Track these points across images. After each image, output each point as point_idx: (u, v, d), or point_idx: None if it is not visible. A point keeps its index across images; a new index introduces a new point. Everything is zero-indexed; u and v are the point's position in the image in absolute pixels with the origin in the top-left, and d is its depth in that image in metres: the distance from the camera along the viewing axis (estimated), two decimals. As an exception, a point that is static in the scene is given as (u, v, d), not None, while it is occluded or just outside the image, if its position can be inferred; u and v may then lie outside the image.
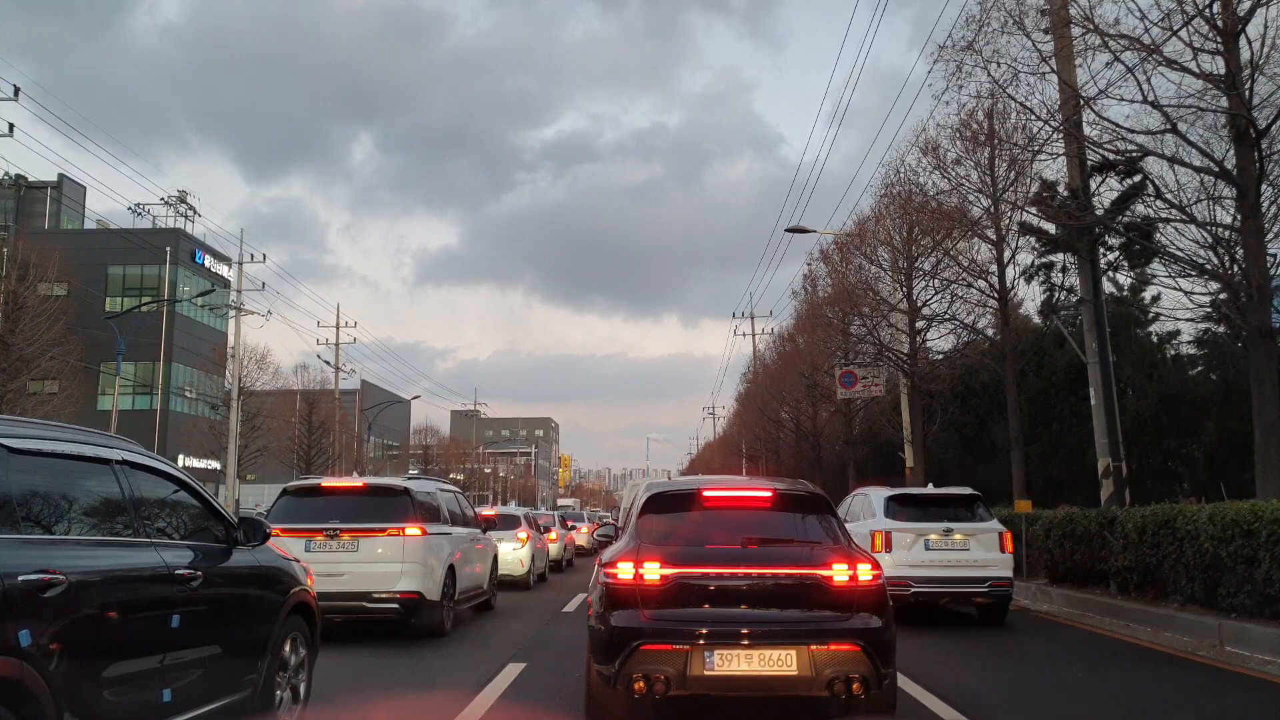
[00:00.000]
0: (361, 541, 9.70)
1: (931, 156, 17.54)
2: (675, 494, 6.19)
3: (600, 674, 5.31)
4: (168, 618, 4.35)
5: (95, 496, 4.25)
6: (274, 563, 5.65)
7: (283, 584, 5.64)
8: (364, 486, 10.62)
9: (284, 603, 5.55)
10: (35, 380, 29.95)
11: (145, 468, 4.66)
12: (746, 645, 5.11)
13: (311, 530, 9.71)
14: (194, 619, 4.54)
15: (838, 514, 6.06)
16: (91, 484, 4.24)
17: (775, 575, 5.32)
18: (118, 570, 4.10)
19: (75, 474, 4.15)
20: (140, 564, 4.26)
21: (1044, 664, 8.82)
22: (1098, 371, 13.09)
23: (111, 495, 4.32)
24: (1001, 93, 11.25)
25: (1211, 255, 12.42)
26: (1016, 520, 14.85)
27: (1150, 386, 20.80)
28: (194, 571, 4.61)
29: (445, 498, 11.68)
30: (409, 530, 9.79)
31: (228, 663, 4.87)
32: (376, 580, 9.58)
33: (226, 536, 5.20)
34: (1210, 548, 9.51)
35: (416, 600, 9.70)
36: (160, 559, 4.41)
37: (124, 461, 4.48)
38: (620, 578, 5.36)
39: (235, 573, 5.12)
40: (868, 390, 25.73)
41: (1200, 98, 10.43)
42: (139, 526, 4.39)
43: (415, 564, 9.74)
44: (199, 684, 4.55)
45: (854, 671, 5.09)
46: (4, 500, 3.64)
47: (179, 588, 4.46)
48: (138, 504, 4.45)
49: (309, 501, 10.18)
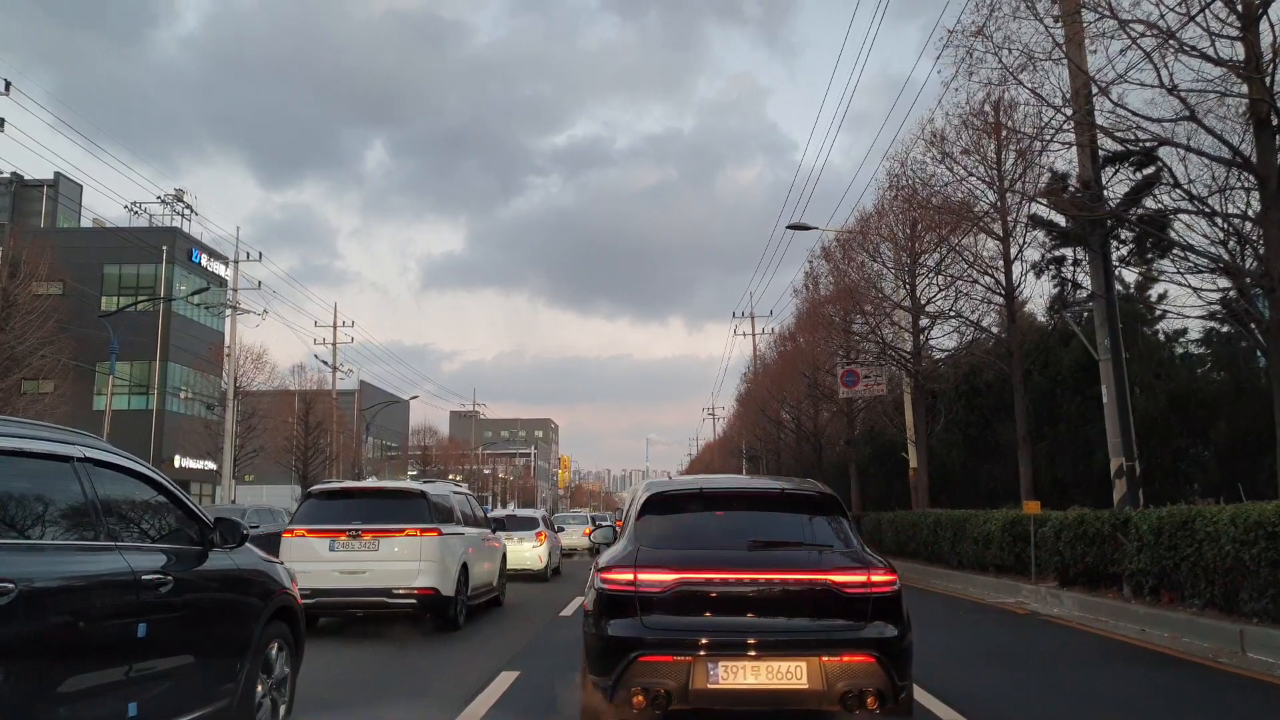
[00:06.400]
0: (382, 541, 10.26)
1: (938, 148, 17.18)
2: (676, 494, 5.82)
3: (597, 686, 4.95)
4: (133, 626, 4.07)
5: (53, 497, 3.97)
6: (254, 565, 5.37)
7: (264, 587, 5.37)
8: (383, 489, 11.49)
9: (264, 607, 5.28)
10: (30, 380, 29.65)
11: (110, 465, 4.37)
12: (753, 656, 4.76)
13: (335, 531, 10.30)
14: (164, 627, 4.27)
15: (849, 515, 5.70)
16: (48, 483, 3.96)
17: (783, 581, 4.95)
18: (76, 576, 3.83)
19: (30, 473, 3.87)
20: (102, 569, 3.98)
21: (1059, 669, 8.46)
22: (1110, 369, 12.74)
23: (71, 495, 4.03)
24: (1013, 79, 10.89)
25: (1222, 250, 12.11)
26: (1025, 521, 14.51)
27: (1159, 385, 20.45)
28: (164, 576, 4.34)
29: (458, 499, 12.33)
30: (425, 530, 10.39)
31: (202, 672, 4.62)
32: (396, 577, 10.13)
33: (201, 538, 4.93)
34: (1232, 550, 9.15)
35: (433, 596, 10.26)
36: (125, 563, 4.13)
37: (86, 459, 4.18)
38: (617, 583, 5.01)
39: (211, 576, 4.86)
40: (870, 389, 25.40)
41: (1219, 84, 10.08)
42: (102, 529, 4.11)
43: (432, 562, 10.30)
44: (170, 695, 4.30)
45: (869, 684, 4.77)
46: None
47: (146, 594, 4.18)
48: (101, 505, 4.17)
49: (332, 504, 10.82)
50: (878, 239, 22.27)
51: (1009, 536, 15.18)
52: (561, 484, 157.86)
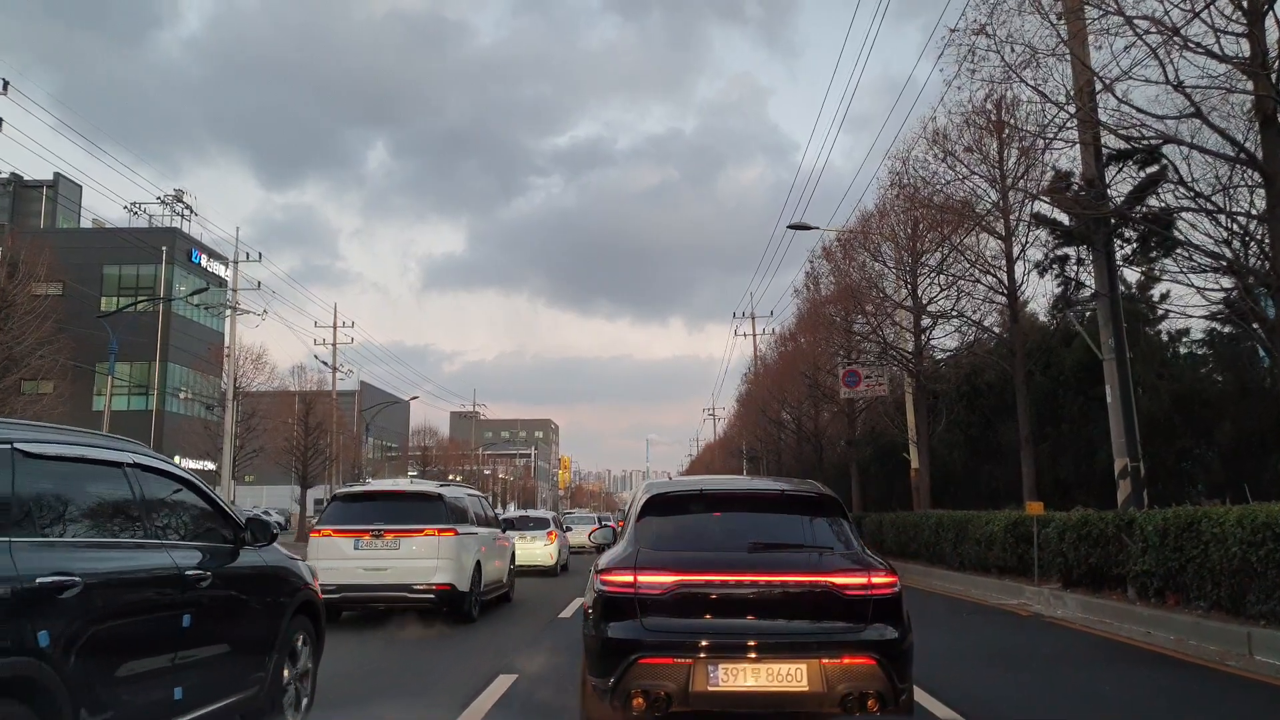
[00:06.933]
0: (402, 540, 11.00)
1: (940, 146, 17.07)
2: (676, 495, 5.78)
3: (596, 688, 4.92)
4: (179, 617, 4.40)
5: (108, 499, 4.29)
6: (281, 563, 5.71)
7: (289, 584, 5.69)
8: (404, 492, 12.11)
9: (290, 602, 5.60)
10: (29, 380, 29.53)
11: (155, 470, 4.70)
12: (753, 658, 4.73)
13: (359, 531, 11.04)
14: (204, 619, 4.58)
15: (849, 516, 5.64)
16: (104, 487, 4.28)
17: (784, 582, 4.92)
18: (131, 571, 4.16)
19: (88, 477, 4.19)
20: (152, 565, 4.32)
21: (1064, 671, 8.34)
22: (1114, 368, 12.62)
23: (124, 498, 4.36)
24: (1016, 76, 10.79)
25: (1225, 249, 12.00)
26: (1028, 522, 14.41)
27: (1162, 386, 20.33)
28: (203, 572, 4.65)
29: (472, 501, 13.17)
30: (443, 530, 11.13)
31: (236, 661, 4.93)
32: (416, 574, 10.88)
33: (234, 537, 5.23)
34: (1239, 552, 9.04)
35: (449, 591, 11.00)
36: (171, 560, 4.46)
37: (135, 464, 4.52)
38: (617, 585, 4.98)
39: (243, 573, 5.16)
40: (871, 390, 25.27)
41: (1224, 80, 9.97)
42: (150, 528, 4.45)
43: (448, 560, 11.04)
44: (209, 682, 4.61)
45: (869, 686, 4.74)
46: (20, 504, 3.68)
47: (189, 588, 4.50)
48: (149, 506, 4.50)
49: (356, 506, 11.55)
50: (879, 238, 22.16)
51: (1011, 538, 15.08)
52: (562, 484, 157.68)
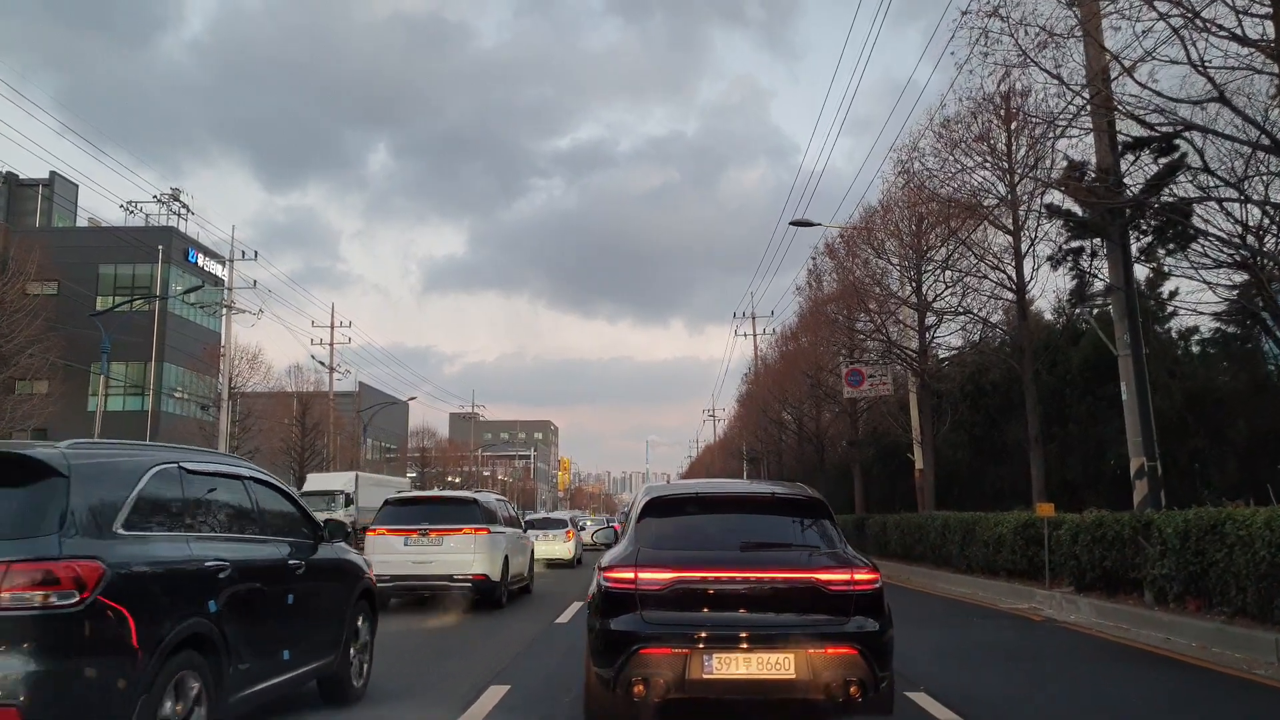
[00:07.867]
0: (445, 538, 13.08)
1: (947, 135, 16.63)
2: (674, 498, 6.23)
3: (599, 677, 5.35)
4: (285, 595, 5.67)
5: (236, 505, 5.54)
6: (348, 556, 7.01)
7: (354, 574, 6.95)
8: (445, 497, 14.96)
9: (355, 588, 6.86)
10: (22, 380, 29.13)
11: (263, 481, 6.04)
12: (745, 649, 5.15)
13: (408, 530, 13.15)
14: (300, 598, 5.82)
15: (835, 518, 6.06)
16: (233, 495, 5.55)
17: (773, 579, 5.34)
18: (256, 559, 5.43)
19: (224, 488, 5.45)
20: (267, 555, 5.62)
21: (1084, 679, 7.93)
22: (1130, 364, 12.20)
23: (245, 504, 5.64)
24: (1030, 60, 10.36)
25: (1244, 241, 11.61)
26: (1039, 524, 14.00)
27: (1173, 384, 19.89)
28: (299, 561, 5.94)
29: (500, 505, 15.64)
30: (478, 529, 13.19)
31: (320, 632, 6.17)
32: (456, 566, 12.93)
33: (314, 534, 6.46)
34: (1267, 555, 8.64)
35: (484, 581, 12.99)
36: (278, 552, 5.77)
37: (251, 477, 5.87)
38: (619, 581, 5.39)
39: (322, 564, 6.36)
40: (875, 389, 24.87)
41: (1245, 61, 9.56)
42: (263, 527, 5.74)
43: (483, 554, 13.06)
44: (305, 648, 5.85)
45: (851, 674, 5.13)
46: (189, 508, 4.97)
47: (290, 574, 5.78)
48: (261, 510, 5.78)
49: (405, 509, 13.87)
50: (883, 234, 21.71)
51: (1021, 540, 14.68)
52: (561, 486, 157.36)
